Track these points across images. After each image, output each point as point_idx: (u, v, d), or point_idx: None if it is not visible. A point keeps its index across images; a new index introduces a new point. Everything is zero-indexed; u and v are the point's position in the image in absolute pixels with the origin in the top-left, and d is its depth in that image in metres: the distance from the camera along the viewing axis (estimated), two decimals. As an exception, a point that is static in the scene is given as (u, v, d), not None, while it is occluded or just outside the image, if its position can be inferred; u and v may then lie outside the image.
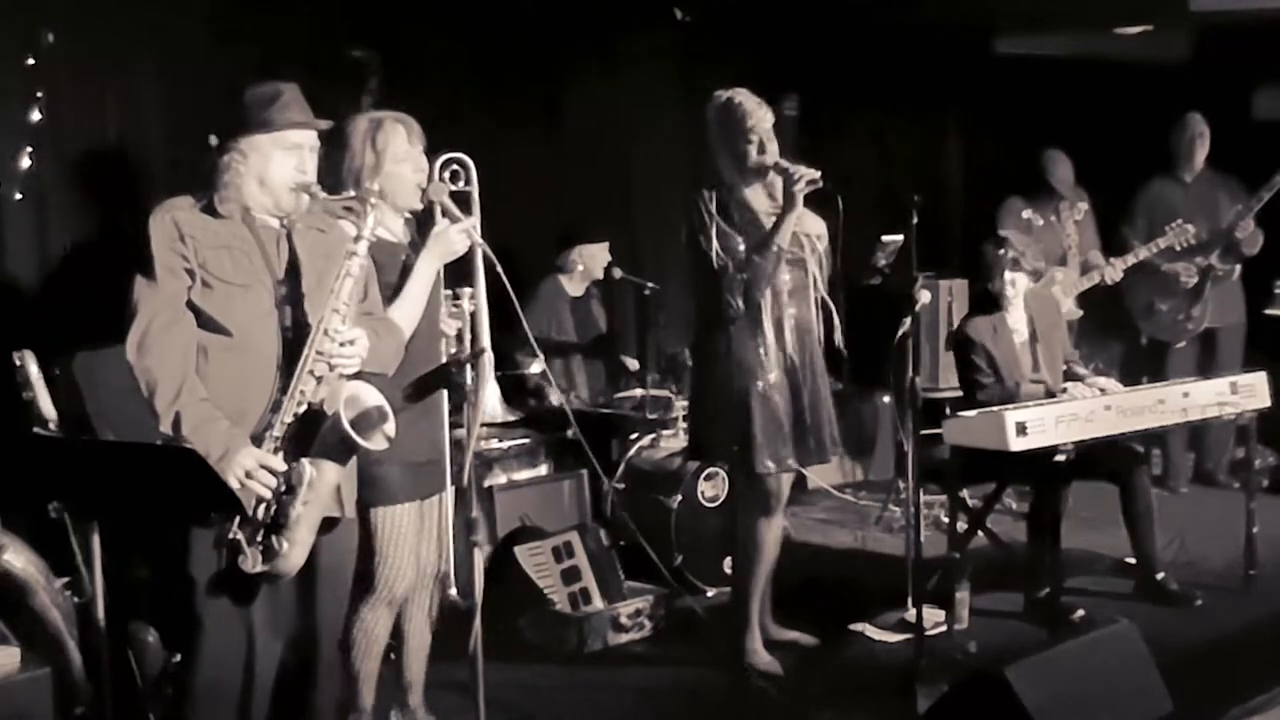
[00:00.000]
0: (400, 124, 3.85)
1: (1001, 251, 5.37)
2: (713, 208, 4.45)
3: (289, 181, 3.28)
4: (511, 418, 5.81)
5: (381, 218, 3.60)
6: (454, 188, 3.86)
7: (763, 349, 4.54)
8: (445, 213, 3.81)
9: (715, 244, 4.43)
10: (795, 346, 4.60)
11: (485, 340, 3.87)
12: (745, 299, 4.48)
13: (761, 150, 4.50)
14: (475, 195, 3.87)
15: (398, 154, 3.80)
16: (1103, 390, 5.21)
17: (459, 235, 3.79)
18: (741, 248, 4.46)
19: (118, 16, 5.10)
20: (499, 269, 3.77)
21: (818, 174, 4.37)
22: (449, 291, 3.89)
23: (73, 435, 4.10)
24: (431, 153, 3.92)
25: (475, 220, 3.82)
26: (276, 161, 3.27)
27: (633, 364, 6.47)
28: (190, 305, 3.21)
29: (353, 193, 3.42)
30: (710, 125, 4.55)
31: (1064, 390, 5.15)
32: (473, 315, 3.86)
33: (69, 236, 5.05)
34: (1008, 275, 5.36)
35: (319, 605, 3.39)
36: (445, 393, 3.90)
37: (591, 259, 6.40)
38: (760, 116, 4.50)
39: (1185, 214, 6.79)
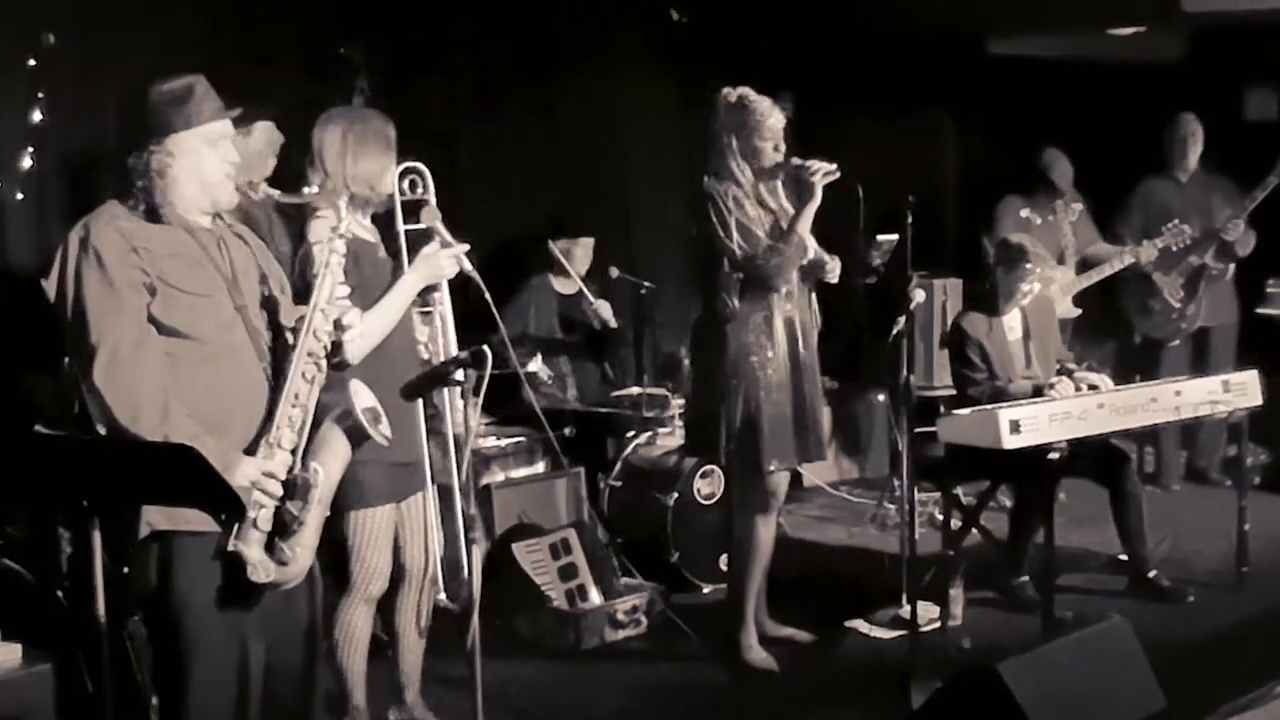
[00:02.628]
0: (373, 120, 3.87)
1: (1029, 265, 5.35)
2: (730, 202, 4.49)
3: (221, 174, 3.18)
4: (486, 421, 5.81)
5: (353, 215, 3.67)
6: (412, 196, 3.89)
7: (770, 346, 4.57)
8: (437, 236, 3.85)
9: (736, 235, 4.47)
10: (800, 343, 4.63)
11: (453, 342, 3.91)
12: (756, 293, 4.52)
13: (776, 149, 4.58)
14: (433, 202, 3.89)
15: (368, 151, 3.81)
16: (1092, 386, 5.20)
17: (449, 260, 3.83)
18: (764, 240, 4.50)
19: (117, 17, 5.11)
20: (481, 285, 3.84)
21: (834, 166, 4.45)
22: (417, 297, 3.92)
23: (73, 434, 4.09)
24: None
25: (465, 247, 3.85)
26: (206, 157, 3.15)
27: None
28: (151, 319, 3.05)
29: (316, 189, 3.39)
30: (721, 120, 4.58)
31: (1050, 386, 5.16)
32: (442, 318, 3.89)
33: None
34: (1026, 286, 5.37)
35: (308, 604, 3.32)
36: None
37: (581, 257, 6.41)
38: (776, 118, 4.58)
39: (1180, 214, 6.81)
